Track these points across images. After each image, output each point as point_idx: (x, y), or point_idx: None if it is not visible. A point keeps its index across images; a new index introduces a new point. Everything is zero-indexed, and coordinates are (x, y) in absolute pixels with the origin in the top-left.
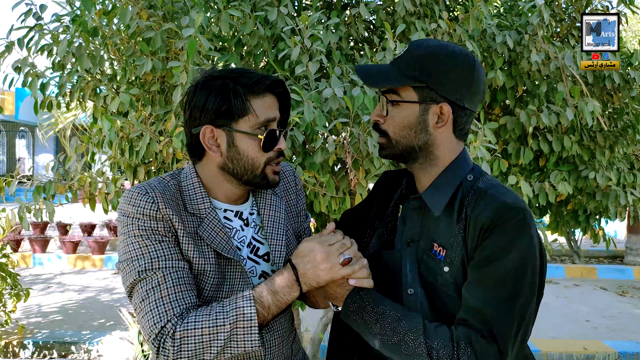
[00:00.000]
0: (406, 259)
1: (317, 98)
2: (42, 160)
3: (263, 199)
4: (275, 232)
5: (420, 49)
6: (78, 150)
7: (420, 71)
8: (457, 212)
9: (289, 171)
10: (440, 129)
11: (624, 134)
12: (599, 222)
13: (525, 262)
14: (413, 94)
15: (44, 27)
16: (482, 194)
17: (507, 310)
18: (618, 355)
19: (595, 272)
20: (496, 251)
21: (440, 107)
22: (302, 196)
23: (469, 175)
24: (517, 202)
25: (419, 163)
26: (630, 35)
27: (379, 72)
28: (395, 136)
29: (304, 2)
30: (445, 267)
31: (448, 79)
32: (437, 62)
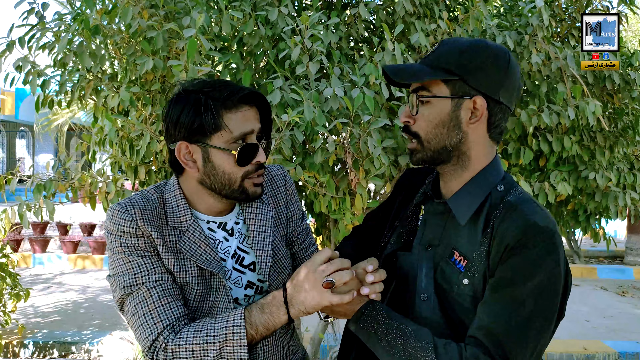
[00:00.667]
0: (423, 264)
1: (317, 98)
2: (42, 160)
3: (249, 207)
4: (261, 241)
5: (451, 44)
6: (78, 149)
7: (452, 63)
8: (483, 223)
9: (279, 175)
10: (474, 125)
11: (624, 134)
12: (599, 222)
13: (547, 289)
14: (444, 89)
15: (46, 25)
16: (512, 209)
17: (522, 335)
18: (618, 355)
19: (595, 272)
20: (519, 273)
21: (474, 101)
22: (295, 200)
23: (500, 186)
24: (548, 223)
25: (450, 165)
26: (630, 36)
27: (408, 68)
28: (427, 136)
29: (304, 2)
30: (465, 280)
31: (482, 71)
32: (469, 55)
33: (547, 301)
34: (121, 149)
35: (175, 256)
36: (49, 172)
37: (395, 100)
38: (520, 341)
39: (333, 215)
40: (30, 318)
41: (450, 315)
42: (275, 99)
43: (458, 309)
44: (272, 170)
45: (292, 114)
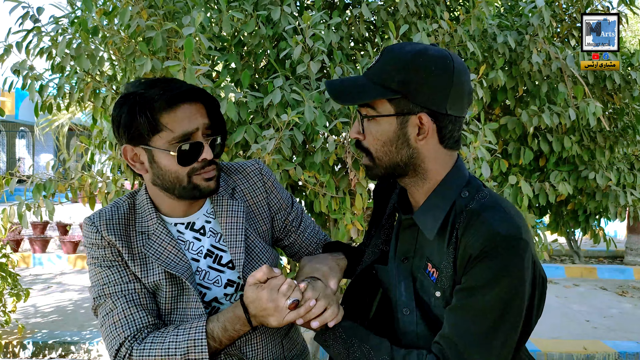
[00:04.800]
0: (401, 277)
1: (318, 98)
2: (42, 160)
3: (219, 205)
4: (234, 238)
5: (392, 56)
6: (77, 150)
7: (395, 81)
8: (448, 233)
9: (254, 170)
10: (423, 141)
11: (624, 135)
12: (598, 222)
13: (510, 298)
14: (389, 107)
15: (41, 29)
16: (475, 217)
17: (484, 345)
18: (618, 355)
19: (595, 272)
20: (482, 283)
21: (420, 118)
22: (277, 191)
23: (464, 192)
24: (511, 231)
25: (408, 178)
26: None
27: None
28: (377, 153)
29: (306, 2)
30: (437, 292)
31: (425, 87)
32: (411, 70)
33: (511, 310)
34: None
35: (143, 261)
36: (48, 172)
37: None
38: (483, 351)
39: (333, 215)
40: (30, 318)
41: (435, 326)
42: (276, 99)
43: (436, 321)
44: (247, 167)
45: (292, 113)
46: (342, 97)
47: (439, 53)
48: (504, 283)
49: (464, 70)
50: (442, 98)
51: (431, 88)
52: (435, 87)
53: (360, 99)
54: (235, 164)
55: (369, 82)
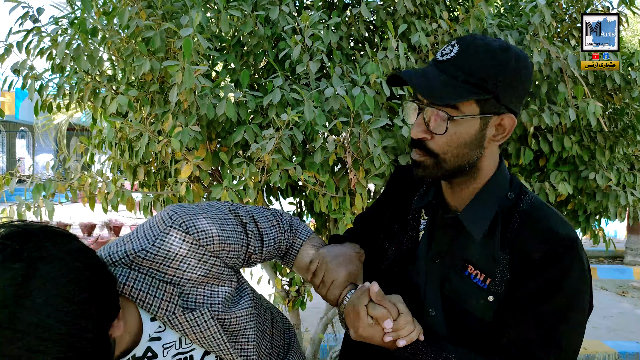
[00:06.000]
0: (430, 277)
1: (317, 97)
2: (42, 160)
3: (178, 324)
4: (211, 343)
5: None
6: (77, 150)
7: (489, 79)
8: (500, 237)
9: (190, 250)
10: (494, 142)
11: (624, 135)
12: (599, 222)
13: (576, 298)
14: (474, 107)
15: (41, 29)
16: (527, 219)
17: (559, 347)
18: (618, 355)
19: (595, 272)
20: (547, 289)
21: (502, 119)
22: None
23: (510, 193)
24: (569, 230)
25: (459, 178)
26: (630, 36)
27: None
28: (446, 155)
29: (305, 2)
30: (491, 297)
31: (513, 87)
32: (503, 67)
33: (578, 311)
34: (120, 150)
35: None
36: (48, 172)
37: (396, 99)
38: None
39: (333, 215)
40: None
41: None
42: (275, 99)
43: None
44: (175, 248)
45: (292, 113)
46: (430, 93)
47: (520, 51)
48: (569, 283)
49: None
50: (521, 98)
51: (517, 89)
52: (520, 89)
53: (455, 99)
54: (157, 250)
55: (454, 79)
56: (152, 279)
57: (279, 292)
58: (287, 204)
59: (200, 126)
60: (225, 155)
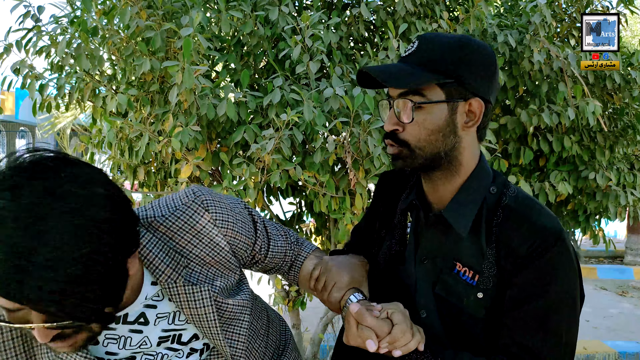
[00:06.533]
0: (421, 278)
1: (317, 98)
2: None
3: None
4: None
5: (437, 42)
6: (77, 150)
7: (447, 64)
8: (485, 232)
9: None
10: (467, 130)
11: (624, 134)
12: (598, 222)
13: (568, 290)
14: (440, 93)
15: (42, 28)
16: (511, 214)
17: (556, 342)
18: (618, 355)
19: (595, 272)
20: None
21: (470, 104)
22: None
23: (492, 187)
24: (554, 223)
25: (440, 172)
26: (629, 35)
27: (399, 71)
28: (419, 143)
29: (305, 2)
30: (480, 293)
31: (476, 72)
32: (464, 52)
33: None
34: (120, 150)
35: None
36: None
37: None
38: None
39: (333, 215)
40: None
41: (452, 327)
42: (275, 99)
43: (465, 321)
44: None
45: (291, 113)
46: (391, 81)
47: (481, 41)
48: (560, 277)
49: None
50: (488, 85)
51: (481, 74)
52: (484, 74)
53: (415, 83)
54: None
55: (416, 67)
56: (164, 245)
57: (279, 292)
58: (287, 204)
59: (200, 126)
60: (225, 155)
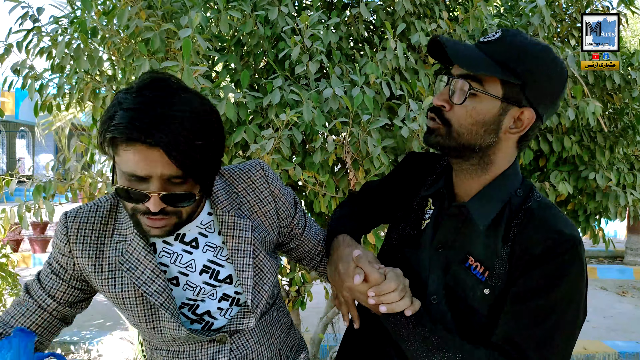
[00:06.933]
0: (434, 265)
1: (316, 98)
2: (42, 160)
3: (225, 222)
4: (242, 259)
5: (518, 39)
6: (77, 150)
7: (519, 65)
8: (503, 230)
9: (260, 179)
10: (510, 135)
11: (624, 135)
12: (598, 222)
13: (572, 297)
14: (499, 89)
15: (41, 29)
16: (534, 216)
17: (549, 346)
18: (618, 355)
19: (595, 272)
20: (544, 284)
21: (522, 112)
22: (283, 196)
23: (519, 190)
24: (573, 231)
25: (470, 164)
26: (630, 35)
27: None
28: (460, 128)
29: (304, 2)
30: (487, 289)
31: (542, 84)
32: (538, 62)
33: (572, 309)
34: None
35: (113, 272)
36: (48, 173)
37: (396, 99)
38: (548, 351)
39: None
40: None
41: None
42: (275, 99)
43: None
44: (251, 174)
45: (290, 113)
46: (460, 60)
47: (559, 57)
48: (567, 282)
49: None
50: (548, 102)
51: (546, 88)
52: (549, 89)
53: (483, 70)
54: (238, 169)
55: (485, 54)
56: (226, 186)
57: None
58: None
59: None
60: (225, 155)
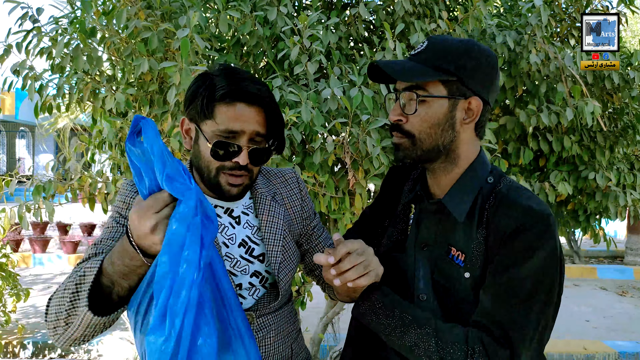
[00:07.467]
0: (419, 264)
1: (315, 98)
2: (42, 160)
3: (262, 204)
4: (273, 236)
5: (444, 43)
6: (77, 150)
7: (451, 64)
8: (477, 216)
9: (292, 178)
10: (466, 126)
11: (624, 134)
12: (599, 222)
13: (545, 270)
14: (442, 89)
15: (41, 29)
16: (504, 199)
17: (523, 316)
18: (618, 355)
19: (595, 272)
20: (517, 257)
21: (469, 102)
22: (308, 199)
23: (489, 178)
24: (542, 206)
25: (439, 163)
26: (629, 35)
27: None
28: (420, 135)
29: (304, 2)
30: (467, 273)
31: (478, 73)
32: (468, 55)
33: (546, 280)
34: (120, 150)
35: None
36: (48, 173)
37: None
38: (522, 322)
39: (333, 215)
40: (30, 318)
41: (451, 311)
42: None
43: (462, 305)
44: (286, 173)
45: (289, 113)
46: (400, 75)
47: (485, 46)
48: (539, 254)
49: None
50: (489, 86)
51: (483, 75)
52: (485, 75)
53: (421, 78)
54: (275, 169)
55: (422, 65)
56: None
57: None
58: None
59: None
60: None
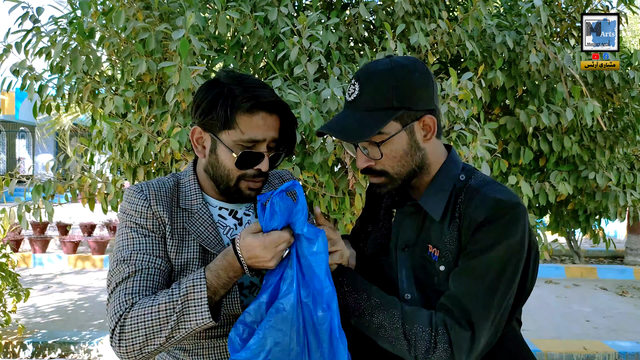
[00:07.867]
0: (402, 265)
1: (315, 99)
2: (42, 160)
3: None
4: None
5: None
6: (77, 151)
7: (392, 99)
8: (450, 212)
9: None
10: (429, 141)
11: (624, 134)
12: (598, 222)
13: (509, 258)
14: (395, 124)
15: (41, 29)
16: (475, 192)
17: (484, 301)
18: (618, 355)
19: (595, 272)
20: (484, 245)
21: (423, 121)
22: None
23: (461, 175)
24: (510, 197)
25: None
26: (630, 35)
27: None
28: (394, 169)
29: (304, 3)
30: (442, 267)
31: (416, 91)
32: (400, 83)
33: (509, 268)
34: (120, 151)
35: (181, 237)
36: (48, 173)
37: None
38: (484, 306)
39: (333, 215)
40: (30, 318)
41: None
42: None
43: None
44: (283, 175)
45: None
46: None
47: (407, 59)
48: (504, 244)
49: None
50: (430, 95)
51: (421, 90)
52: (423, 89)
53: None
54: (273, 171)
55: (367, 112)
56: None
57: None
58: None
59: None
60: None
